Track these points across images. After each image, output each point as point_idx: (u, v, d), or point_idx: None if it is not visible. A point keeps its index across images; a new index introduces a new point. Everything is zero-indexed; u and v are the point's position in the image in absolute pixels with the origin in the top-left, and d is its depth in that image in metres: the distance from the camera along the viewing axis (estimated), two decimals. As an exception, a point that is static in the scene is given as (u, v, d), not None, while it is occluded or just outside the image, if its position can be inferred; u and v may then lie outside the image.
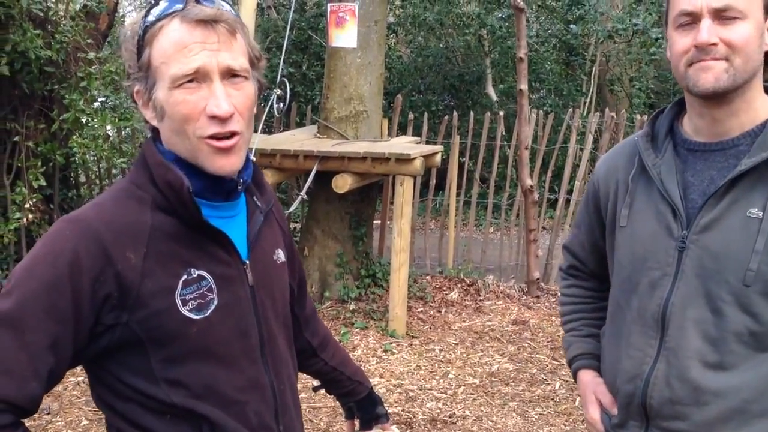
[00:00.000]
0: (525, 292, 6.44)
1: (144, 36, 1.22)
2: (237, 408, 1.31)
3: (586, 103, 10.38)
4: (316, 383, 1.82)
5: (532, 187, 6.35)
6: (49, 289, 1.17)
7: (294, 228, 7.14)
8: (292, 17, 6.22)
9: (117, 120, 5.45)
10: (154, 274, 1.22)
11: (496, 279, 6.61)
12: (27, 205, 5.21)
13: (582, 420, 4.07)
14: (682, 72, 1.47)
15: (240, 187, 1.33)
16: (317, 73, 9.73)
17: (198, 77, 1.20)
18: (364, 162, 5.30)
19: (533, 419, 4.19)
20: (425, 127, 7.20)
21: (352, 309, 5.81)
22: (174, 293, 1.24)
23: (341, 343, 5.21)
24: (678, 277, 1.49)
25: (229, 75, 1.23)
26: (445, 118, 7.31)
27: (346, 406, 1.84)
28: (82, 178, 6.86)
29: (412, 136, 7.02)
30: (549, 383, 4.68)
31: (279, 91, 5.29)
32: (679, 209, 1.50)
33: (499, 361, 5.02)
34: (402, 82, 11.48)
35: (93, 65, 5.31)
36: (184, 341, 1.25)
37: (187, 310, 1.25)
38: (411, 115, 7.30)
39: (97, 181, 6.95)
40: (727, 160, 1.49)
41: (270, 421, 1.36)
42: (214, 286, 1.28)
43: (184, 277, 1.25)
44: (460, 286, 6.46)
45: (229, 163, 1.25)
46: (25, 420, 1.22)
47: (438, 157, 6.15)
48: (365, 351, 5.11)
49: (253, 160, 1.41)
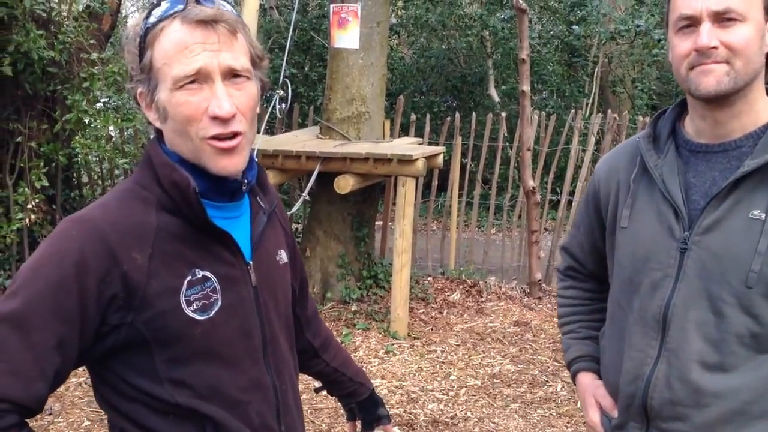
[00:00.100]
0: (527, 293, 6.44)
1: (145, 38, 1.22)
2: (240, 408, 1.31)
3: (589, 105, 10.37)
4: (317, 384, 1.82)
5: (534, 188, 6.34)
6: (55, 289, 1.17)
7: (296, 229, 7.14)
8: (294, 18, 6.22)
9: (119, 121, 5.46)
10: (160, 274, 1.23)
11: (498, 280, 6.61)
12: (29, 206, 5.22)
13: (584, 422, 4.07)
14: (683, 75, 1.48)
15: (244, 187, 1.34)
16: (319, 74, 9.74)
17: (199, 78, 1.20)
18: (366, 163, 5.30)
19: (535, 421, 4.19)
20: (427, 128, 7.20)
21: (353, 310, 5.81)
22: (179, 294, 1.24)
23: (343, 344, 5.22)
24: (679, 278, 1.49)
25: (231, 75, 1.23)
26: (447, 119, 7.31)
27: (347, 408, 1.84)
28: (85, 179, 6.88)
29: (414, 137, 7.02)
30: (551, 385, 4.68)
31: (281, 92, 5.30)
32: (681, 210, 1.50)
33: (500, 363, 5.02)
34: (404, 83, 11.48)
35: (96, 66, 5.32)
36: (188, 342, 1.25)
37: (191, 310, 1.25)
38: (413, 116, 7.30)
39: (99, 181, 6.96)
40: (729, 162, 1.49)
41: (272, 422, 1.36)
42: (218, 287, 1.28)
43: (189, 277, 1.25)
44: (461, 287, 6.46)
45: (233, 163, 1.25)
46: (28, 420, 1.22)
47: (440, 158, 6.15)
48: (367, 352, 5.12)
49: (257, 161, 1.41)
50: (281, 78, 5.46)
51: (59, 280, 1.17)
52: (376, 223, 6.64)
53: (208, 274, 1.27)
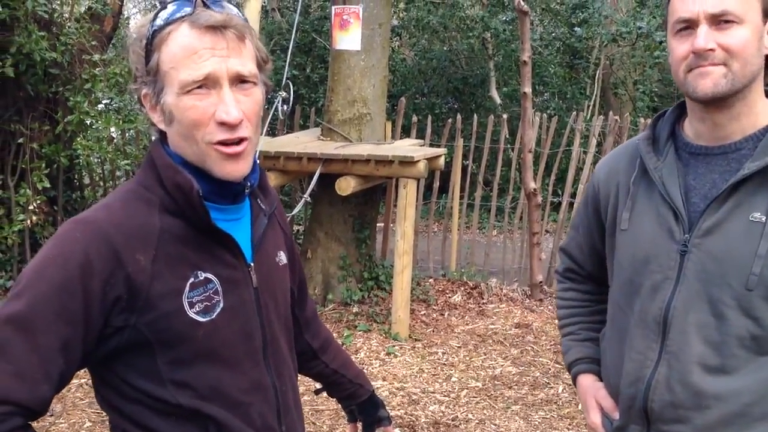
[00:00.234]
0: (528, 295, 6.44)
1: (152, 40, 1.22)
2: (242, 409, 1.31)
3: (590, 107, 10.37)
4: (318, 386, 1.82)
5: (535, 190, 6.35)
6: (60, 291, 1.17)
7: (297, 230, 7.15)
8: (296, 20, 6.23)
9: (121, 122, 5.47)
10: (163, 276, 1.23)
11: (499, 282, 6.61)
12: (31, 207, 5.23)
13: (585, 424, 4.07)
14: (681, 78, 1.48)
15: (247, 190, 1.34)
16: (321, 76, 9.75)
17: (207, 83, 1.21)
18: (367, 164, 5.30)
19: (536, 423, 4.19)
20: (429, 129, 7.21)
21: (355, 312, 5.81)
22: (182, 296, 1.24)
23: (344, 346, 5.22)
24: (680, 280, 1.49)
25: (238, 81, 1.23)
26: (449, 120, 7.32)
27: (348, 409, 1.84)
28: (86, 180, 6.89)
29: (416, 138, 7.03)
30: (552, 387, 4.68)
31: (284, 94, 5.30)
32: (681, 213, 1.50)
33: (502, 365, 5.02)
34: (406, 84, 11.49)
35: (97, 67, 5.33)
36: (191, 343, 1.25)
37: (194, 312, 1.25)
38: (414, 118, 7.30)
39: (101, 183, 6.97)
40: (729, 164, 1.49)
41: (273, 422, 1.37)
42: (220, 289, 1.29)
43: (192, 279, 1.26)
44: (463, 289, 6.46)
45: (238, 168, 1.26)
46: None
47: (441, 160, 6.15)
48: (368, 354, 5.12)
49: (258, 163, 1.41)
50: (284, 79, 5.47)
51: (64, 281, 1.17)
52: (378, 224, 6.64)
53: (210, 276, 1.28)
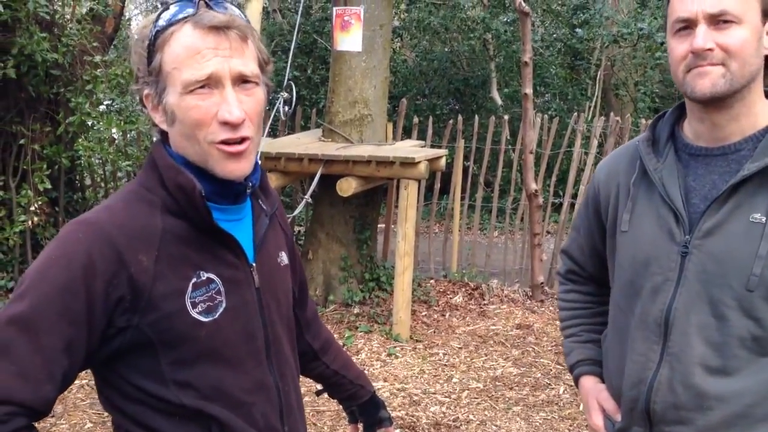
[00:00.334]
0: (529, 296, 6.43)
1: (155, 40, 1.23)
2: (244, 409, 1.31)
3: (591, 108, 10.37)
4: (319, 387, 1.82)
5: (536, 191, 6.34)
6: (63, 291, 1.17)
7: (298, 231, 7.15)
8: (298, 21, 6.23)
9: (122, 123, 5.47)
10: (165, 277, 1.23)
11: (500, 283, 6.61)
12: (32, 208, 5.23)
13: (586, 425, 4.07)
14: (680, 78, 1.48)
15: (249, 190, 1.35)
16: (322, 77, 9.76)
17: (210, 83, 1.21)
18: (368, 166, 5.31)
19: (537, 424, 4.19)
20: (430, 130, 7.21)
21: (356, 313, 5.81)
22: (184, 296, 1.25)
23: (345, 347, 5.21)
24: (681, 282, 1.49)
25: (241, 81, 1.24)
26: (450, 122, 7.32)
27: (349, 410, 1.84)
28: (88, 181, 6.89)
29: (417, 139, 7.03)
30: (553, 388, 4.67)
31: (286, 95, 5.31)
32: (681, 214, 1.50)
33: (503, 366, 5.01)
34: (407, 86, 11.50)
35: (99, 68, 5.33)
36: (193, 343, 1.26)
37: (196, 312, 1.25)
38: (416, 119, 7.31)
39: (102, 184, 6.97)
40: (728, 165, 1.49)
41: (276, 422, 1.37)
42: (222, 289, 1.29)
43: (194, 279, 1.26)
44: (464, 290, 6.46)
45: (240, 167, 1.26)
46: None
47: (442, 161, 6.15)
48: (369, 355, 5.12)
49: (259, 164, 1.42)
50: (285, 80, 5.47)
51: (67, 282, 1.17)
52: (379, 225, 6.65)
53: (212, 276, 1.28)
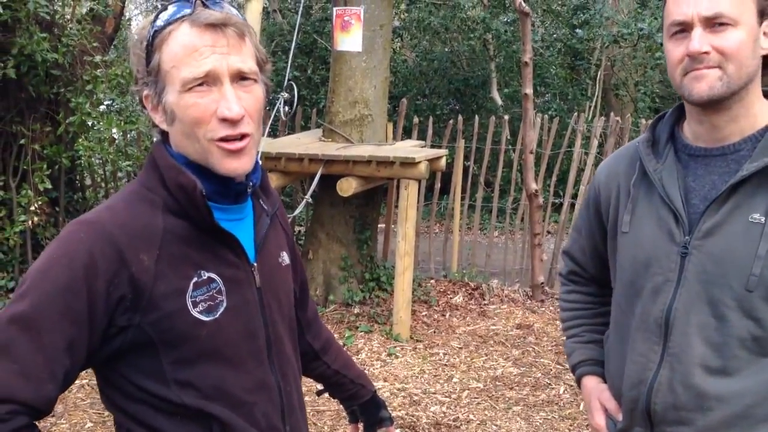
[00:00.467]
0: (529, 296, 6.44)
1: (153, 41, 1.23)
2: (246, 409, 1.32)
3: (591, 108, 10.37)
4: (319, 387, 1.82)
5: (536, 191, 6.35)
6: (65, 291, 1.18)
7: (298, 231, 7.15)
8: (298, 21, 6.24)
9: (123, 123, 5.47)
10: (166, 276, 1.24)
11: (500, 283, 6.61)
12: (32, 208, 5.22)
13: (587, 425, 4.07)
14: (678, 81, 1.48)
15: (249, 189, 1.35)
16: (322, 77, 9.76)
17: (208, 80, 1.22)
18: (368, 166, 5.31)
19: (537, 424, 4.19)
20: (430, 131, 7.22)
21: (356, 313, 5.81)
22: (185, 295, 1.25)
23: (345, 347, 5.21)
24: (681, 282, 1.49)
25: (239, 78, 1.24)
26: (450, 122, 7.32)
27: (349, 410, 1.84)
28: (88, 181, 6.89)
29: (417, 140, 7.03)
30: (553, 388, 4.68)
31: (286, 95, 5.31)
32: (681, 215, 1.50)
33: (503, 365, 5.01)
34: (407, 86, 11.50)
35: (99, 68, 5.33)
36: (194, 343, 1.26)
37: (197, 312, 1.26)
38: (416, 119, 7.31)
39: (102, 184, 6.97)
40: (728, 165, 1.49)
41: (277, 422, 1.37)
42: (223, 289, 1.29)
43: (195, 279, 1.26)
44: (464, 290, 6.46)
45: (240, 164, 1.26)
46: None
47: (443, 161, 6.15)
48: (369, 354, 5.12)
49: (260, 164, 1.42)
50: (285, 81, 5.47)
51: (68, 281, 1.18)
52: (379, 225, 6.65)
53: (213, 275, 1.28)
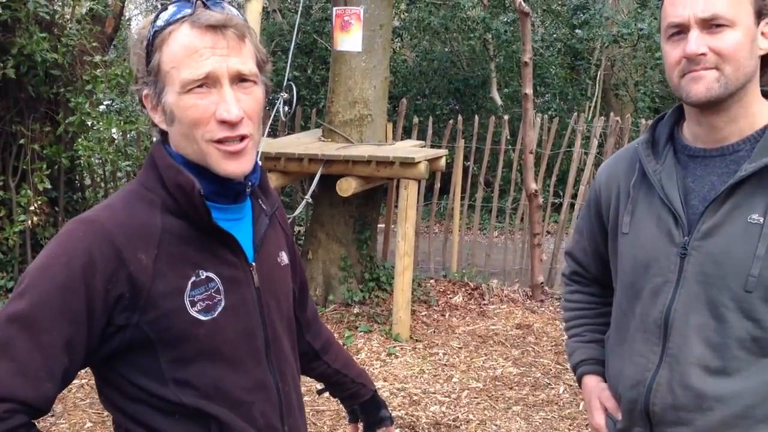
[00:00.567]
0: (529, 296, 6.44)
1: (153, 41, 1.24)
2: (244, 408, 1.32)
3: (591, 108, 10.36)
4: (319, 386, 1.82)
5: (536, 191, 6.35)
6: (63, 289, 1.18)
7: (298, 231, 7.15)
8: (297, 21, 6.24)
9: (122, 123, 5.47)
10: (165, 275, 1.24)
11: (500, 283, 6.61)
12: (32, 208, 5.23)
13: (586, 424, 4.07)
14: (676, 83, 1.48)
15: (248, 189, 1.35)
16: (322, 77, 9.76)
17: (208, 82, 1.22)
18: (368, 166, 5.31)
19: (537, 423, 4.19)
20: (430, 130, 7.22)
21: (356, 312, 5.81)
22: (183, 294, 1.25)
23: (345, 347, 5.21)
24: (680, 283, 1.49)
25: (239, 79, 1.24)
26: (450, 122, 7.32)
27: (349, 410, 1.84)
28: (88, 181, 6.89)
29: (417, 140, 7.03)
30: (553, 387, 4.68)
31: (286, 95, 5.31)
32: (680, 216, 1.50)
33: (503, 365, 5.01)
34: (407, 86, 11.49)
35: (99, 68, 5.33)
36: (192, 342, 1.26)
37: (195, 311, 1.26)
38: (416, 119, 7.31)
39: (102, 184, 6.97)
40: (727, 166, 1.49)
41: (276, 422, 1.37)
42: (221, 288, 1.29)
43: (193, 278, 1.26)
44: (464, 290, 6.46)
45: (239, 166, 1.27)
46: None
47: (442, 161, 6.15)
48: (369, 354, 5.12)
49: (260, 164, 1.42)
50: (285, 81, 5.47)
51: (67, 280, 1.18)
52: (379, 225, 6.65)
53: (211, 275, 1.28)
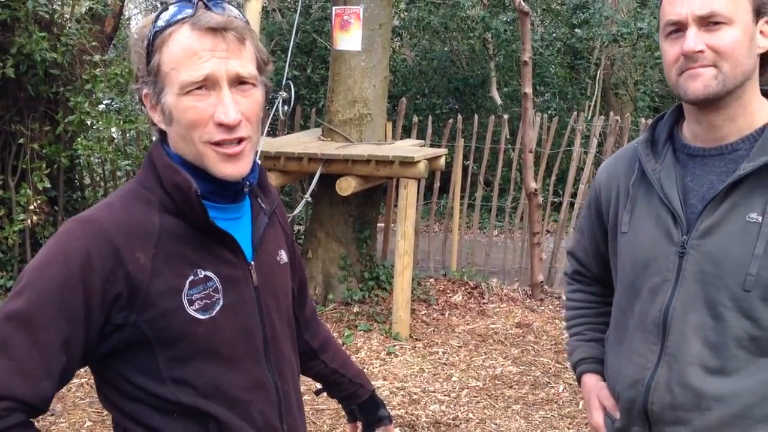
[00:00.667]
0: (529, 295, 6.44)
1: (154, 41, 1.24)
2: (242, 407, 1.32)
3: (591, 107, 10.36)
4: (318, 386, 1.82)
5: (536, 190, 6.35)
6: (61, 288, 1.18)
7: (298, 230, 7.15)
8: (297, 20, 6.23)
9: (122, 122, 5.47)
10: (162, 274, 1.24)
11: (499, 282, 6.61)
12: (31, 207, 5.24)
13: (585, 423, 4.07)
14: (674, 80, 1.48)
15: (246, 189, 1.35)
16: (321, 76, 9.75)
17: (207, 84, 1.22)
18: (368, 165, 5.31)
19: (537, 422, 4.19)
20: (429, 130, 7.22)
21: (355, 311, 5.81)
22: (181, 293, 1.25)
23: (344, 346, 5.21)
24: (678, 282, 1.50)
25: (238, 82, 1.24)
26: (450, 121, 7.32)
27: (348, 409, 1.84)
28: (87, 180, 6.89)
29: (416, 139, 7.03)
30: (552, 386, 4.68)
31: (284, 94, 5.31)
32: (679, 215, 1.50)
33: (502, 364, 5.02)
34: (406, 85, 11.49)
35: (98, 68, 5.33)
36: (190, 341, 1.26)
37: (193, 310, 1.26)
38: (415, 119, 7.31)
39: (101, 183, 6.97)
40: (726, 165, 1.49)
41: (275, 421, 1.37)
42: (219, 287, 1.30)
43: (191, 277, 1.26)
44: (463, 288, 6.46)
45: (237, 168, 1.27)
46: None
47: (442, 160, 6.15)
48: (369, 353, 5.12)
49: (259, 163, 1.42)
50: (284, 80, 5.47)
51: (65, 279, 1.18)
52: (378, 224, 6.65)
53: (210, 274, 1.29)
